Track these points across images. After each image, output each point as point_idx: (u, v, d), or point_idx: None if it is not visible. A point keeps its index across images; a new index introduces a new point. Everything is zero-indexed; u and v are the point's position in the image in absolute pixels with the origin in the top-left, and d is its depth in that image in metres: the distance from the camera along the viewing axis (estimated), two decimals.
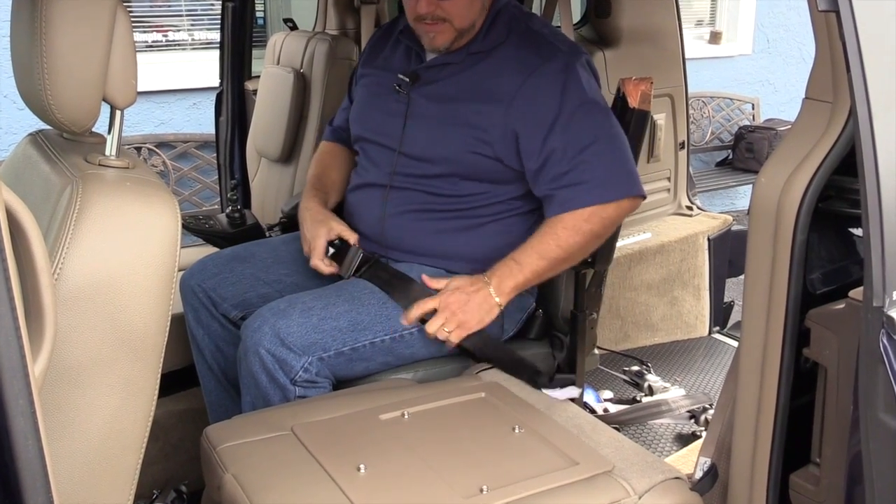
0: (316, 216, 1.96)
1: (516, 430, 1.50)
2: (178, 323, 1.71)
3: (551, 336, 2.04)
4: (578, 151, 1.76)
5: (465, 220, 1.88)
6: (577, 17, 3.13)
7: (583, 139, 1.77)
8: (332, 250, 1.93)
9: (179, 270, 1.33)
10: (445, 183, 1.87)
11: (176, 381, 2.12)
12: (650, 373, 2.94)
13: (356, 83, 2.12)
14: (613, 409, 2.71)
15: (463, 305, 1.76)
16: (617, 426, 2.48)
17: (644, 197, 1.83)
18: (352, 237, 1.92)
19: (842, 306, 1.26)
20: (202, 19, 4.63)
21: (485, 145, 1.82)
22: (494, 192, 1.88)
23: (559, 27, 2.73)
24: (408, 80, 1.91)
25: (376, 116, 1.98)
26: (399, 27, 2.02)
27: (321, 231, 1.92)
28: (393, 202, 1.90)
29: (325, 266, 1.90)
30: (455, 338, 1.77)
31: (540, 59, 1.81)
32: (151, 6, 4.56)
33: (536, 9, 3.06)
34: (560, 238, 1.77)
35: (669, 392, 2.83)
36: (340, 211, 2.06)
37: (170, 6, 4.59)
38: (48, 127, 1.30)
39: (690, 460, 2.21)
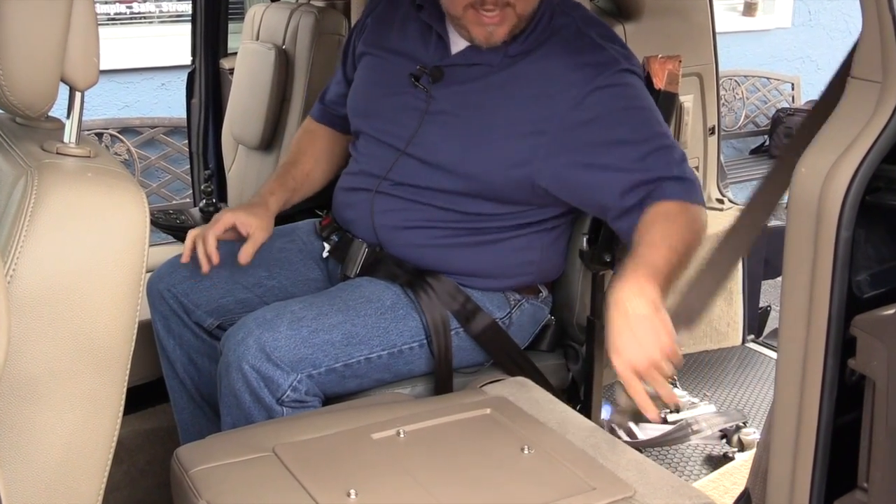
0: (254, 205, 1.94)
1: (525, 451, 1.50)
2: (145, 331, 1.71)
3: (565, 346, 2.04)
4: (644, 163, 1.74)
5: (474, 236, 1.87)
6: None
7: (647, 144, 1.75)
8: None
9: (147, 272, 1.34)
10: (457, 199, 1.84)
11: (143, 396, 2.12)
12: (676, 387, 2.94)
13: (354, 62, 2.06)
14: (634, 427, 2.71)
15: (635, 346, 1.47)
16: (639, 447, 2.48)
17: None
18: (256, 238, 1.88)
19: (892, 312, 1.26)
20: None
21: (521, 166, 1.79)
22: (514, 214, 1.87)
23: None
24: (428, 73, 1.85)
25: (384, 109, 1.92)
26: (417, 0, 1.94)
27: (228, 218, 1.88)
28: (384, 215, 1.88)
29: (202, 252, 1.86)
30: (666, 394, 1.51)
31: (595, 70, 1.77)
32: None
33: None
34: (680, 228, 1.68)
35: (698, 409, 2.83)
36: (328, 197, 2.05)
37: None
38: None
39: (722, 485, 2.22)
